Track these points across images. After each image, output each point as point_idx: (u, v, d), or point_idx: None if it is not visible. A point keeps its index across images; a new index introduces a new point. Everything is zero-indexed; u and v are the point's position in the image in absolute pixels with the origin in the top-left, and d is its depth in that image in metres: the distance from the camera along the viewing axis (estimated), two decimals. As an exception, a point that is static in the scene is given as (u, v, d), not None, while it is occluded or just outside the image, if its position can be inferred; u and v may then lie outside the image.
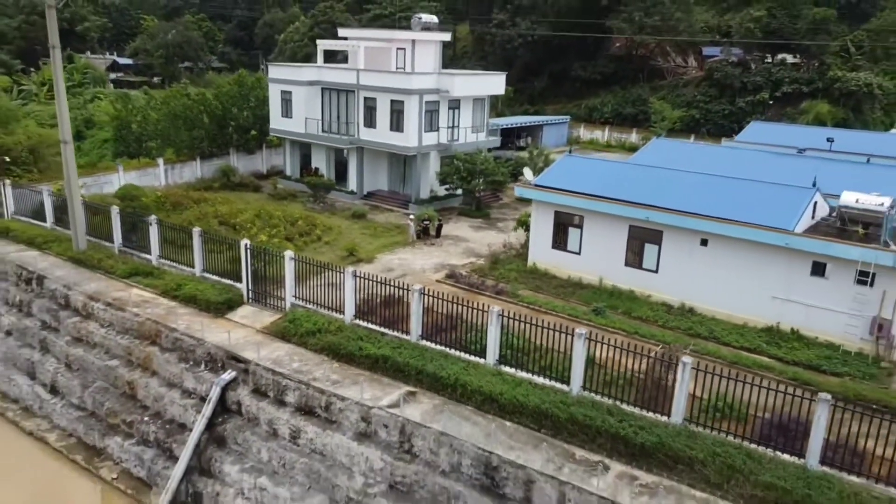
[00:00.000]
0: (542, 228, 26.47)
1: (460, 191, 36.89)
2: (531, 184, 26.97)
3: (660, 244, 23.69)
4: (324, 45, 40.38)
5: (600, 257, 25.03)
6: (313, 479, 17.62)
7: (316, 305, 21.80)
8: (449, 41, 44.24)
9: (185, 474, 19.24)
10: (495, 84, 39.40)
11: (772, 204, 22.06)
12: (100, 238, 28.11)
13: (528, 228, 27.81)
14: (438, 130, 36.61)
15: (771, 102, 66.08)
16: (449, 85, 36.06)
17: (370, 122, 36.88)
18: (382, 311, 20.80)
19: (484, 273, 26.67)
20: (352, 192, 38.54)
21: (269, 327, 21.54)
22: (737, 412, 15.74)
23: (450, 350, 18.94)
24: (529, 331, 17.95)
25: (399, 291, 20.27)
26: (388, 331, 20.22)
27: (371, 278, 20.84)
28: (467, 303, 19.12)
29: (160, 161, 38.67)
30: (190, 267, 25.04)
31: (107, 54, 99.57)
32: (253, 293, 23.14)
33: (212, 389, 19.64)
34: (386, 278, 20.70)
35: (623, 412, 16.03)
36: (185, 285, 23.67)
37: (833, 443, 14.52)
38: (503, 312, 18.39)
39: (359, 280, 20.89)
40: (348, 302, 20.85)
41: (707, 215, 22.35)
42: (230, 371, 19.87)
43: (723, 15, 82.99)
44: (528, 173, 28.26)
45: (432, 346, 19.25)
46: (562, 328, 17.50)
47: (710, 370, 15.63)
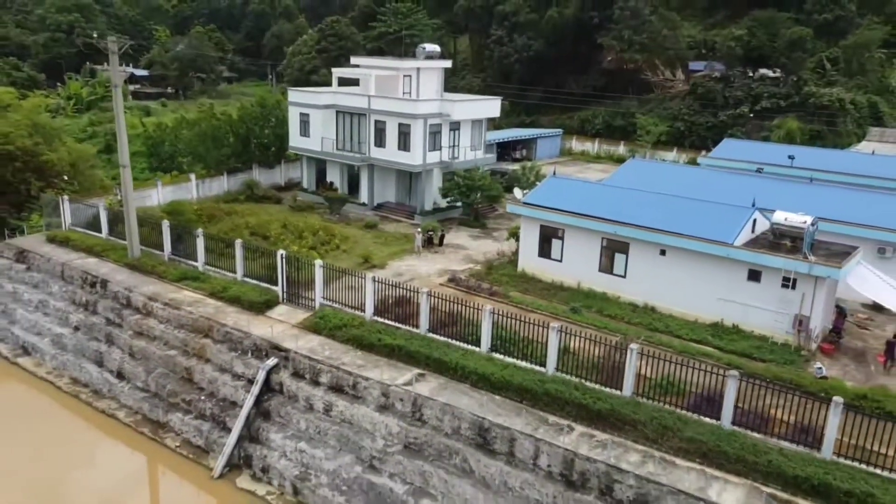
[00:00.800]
0: (530, 239, 31.08)
1: (460, 203, 41.45)
2: (521, 202, 31.58)
3: (627, 254, 28.27)
4: (339, 72, 44.95)
5: (578, 264, 29.61)
6: (343, 442, 22.22)
7: (341, 305, 26.39)
8: (449, 67, 48.62)
9: (238, 442, 23.81)
10: (491, 108, 44.01)
11: (717, 221, 26.64)
12: (150, 247, 32.64)
13: (518, 239, 32.40)
14: (441, 149, 41.17)
15: (751, 116, 70.57)
16: (450, 109, 40.65)
17: (380, 142, 41.45)
18: (396, 309, 25.42)
19: (480, 277, 31.23)
20: (363, 203, 43.11)
21: (302, 323, 26.12)
22: (677, 388, 20.30)
23: (451, 341, 23.52)
24: (516, 325, 22.57)
25: (409, 293, 24.92)
26: (401, 325, 24.79)
27: (386, 282, 25.48)
28: (466, 302, 23.76)
29: (192, 176, 43.24)
30: (232, 272, 29.62)
31: (124, 66, 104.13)
32: (287, 294, 27.72)
33: (258, 373, 24.22)
34: (398, 282, 25.32)
35: (586, 388, 20.61)
36: (230, 288, 28.26)
37: (746, 409, 19.10)
38: (495, 310, 23.00)
39: (376, 284, 25.51)
40: (368, 302, 25.44)
41: (665, 230, 26.94)
42: (273, 358, 24.45)
43: (709, 30, 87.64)
44: (518, 192, 32.78)
45: (437, 337, 23.83)
46: (542, 323, 22.11)
47: (659, 356, 20.25)
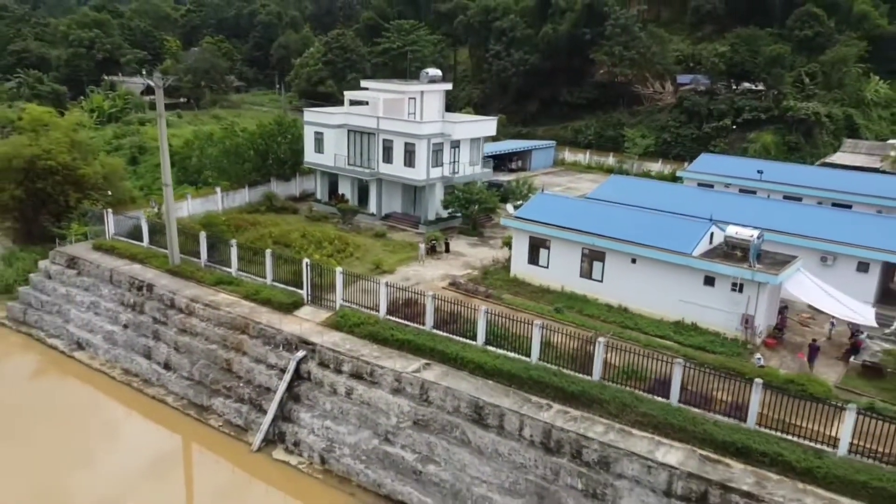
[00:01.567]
0: (520, 249, 35.59)
1: (460, 214, 45.95)
2: (512, 216, 36.14)
3: (604, 262, 32.76)
4: (350, 95, 49.49)
5: (562, 270, 34.10)
6: (362, 420, 26.75)
7: (358, 306, 30.92)
8: (450, 88, 53.15)
9: (272, 421, 28.33)
10: (488, 127, 48.58)
11: (679, 234, 31.14)
12: (187, 255, 37.12)
13: (511, 248, 36.90)
14: (442, 165, 45.68)
15: (734, 128, 75.12)
16: (451, 130, 45.19)
17: (388, 159, 45.97)
18: (405, 309, 29.97)
19: (477, 281, 35.71)
20: (372, 214, 47.64)
21: (325, 321, 30.64)
22: (638, 374, 24.80)
23: (452, 336, 28.02)
24: (507, 323, 27.12)
25: (416, 296, 29.47)
26: (409, 323, 29.32)
27: (396, 286, 30.02)
28: (464, 303, 28.30)
29: (218, 189, 47.77)
30: (262, 277, 34.14)
31: (137, 77, 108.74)
32: (311, 297, 32.24)
33: (289, 363, 28.74)
34: (406, 286, 29.84)
35: (563, 374, 25.13)
36: (261, 291, 32.79)
37: (692, 391, 23.62)
38: (489, 310, 27.54)
39: (388, 288, 30.05)
40: (382, 303, 29.98)
41: (635, 242, 31.45)
42: (302, 350, 28.98)
43: (697, 44, 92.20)
44: (510, 208, 37.34)
45: (440, 333, 28.33)
46: (528, 321, 26.65)
47: (623, 348, 24.78)
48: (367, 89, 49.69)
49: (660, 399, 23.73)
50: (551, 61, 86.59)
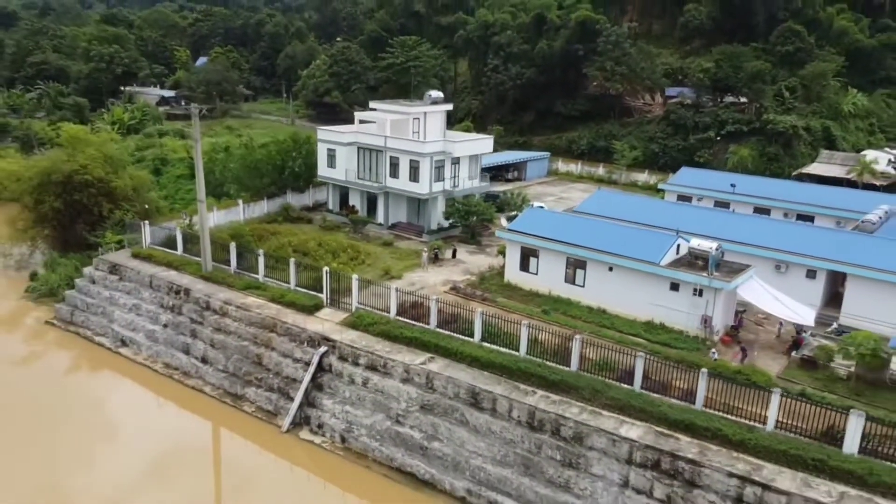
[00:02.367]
0: (513, 257, 40.35)
1: (460, 224, 50.69)
2: (506, 228, 40.93)
3: (585, 269, 37.48)
4: (360, 115, 54.31)
5: (549, 277, 38.83)
6: (377, 405, 31.50)
7: (371, 308, 35.65)
8: (451, 109, 57.96)
9: (299, 407, 33.06)
10: (485, 145, 53.41)
11: (649, 245, 35.86)
12: (218, 262, 41.80)
13: (505, 256, 41.64)
14: (444, 180, 50.45)
15: (717, 139, 79.75)
16: (452, 148, 49.98)
17: (394, 174, 50.74)
18: (412, 310, 34.71)
19: (475, 286, 40.42)
20: (380, 224, 52.37)
21: (343, 321, 35.35)
22: (609, 365, 29.52)
23: (453, 334, 32.76)
24: (500, 323, 31.87)
25: (421, 299, 34.23)
26: (416, 322, 34.03)
27: (404, 291, 34.78)
28: (463, 306, 33.06)
29: (240, 201, 52.50)
30: (286, 283, 38.84)
31: (151, 87, 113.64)
32: (330, 300, 36.96)
33: (313, 357, 33.48)
34: (412, 291, 34.56)
35: (546, 365, 29.84)
36: (287, 295, 37.52)
37: (653, 379, 28.36)
38: (485, 312, 32.28)
39: (398, 292, 34.79)
40: (392, 305, 34.72)
41: (612, 252, 36.19)
42: (323, 346, 33.71)
43: (685, 58, 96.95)
44: (504, 221, 42.08)
45: (443, 331, 33.05)
46: (518, 321, 31.39)
47: (598, 344, 29.53)
48: (375, 110, 54.44)
49: (626, 386, 28.46)
50: (546, 75, 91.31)
